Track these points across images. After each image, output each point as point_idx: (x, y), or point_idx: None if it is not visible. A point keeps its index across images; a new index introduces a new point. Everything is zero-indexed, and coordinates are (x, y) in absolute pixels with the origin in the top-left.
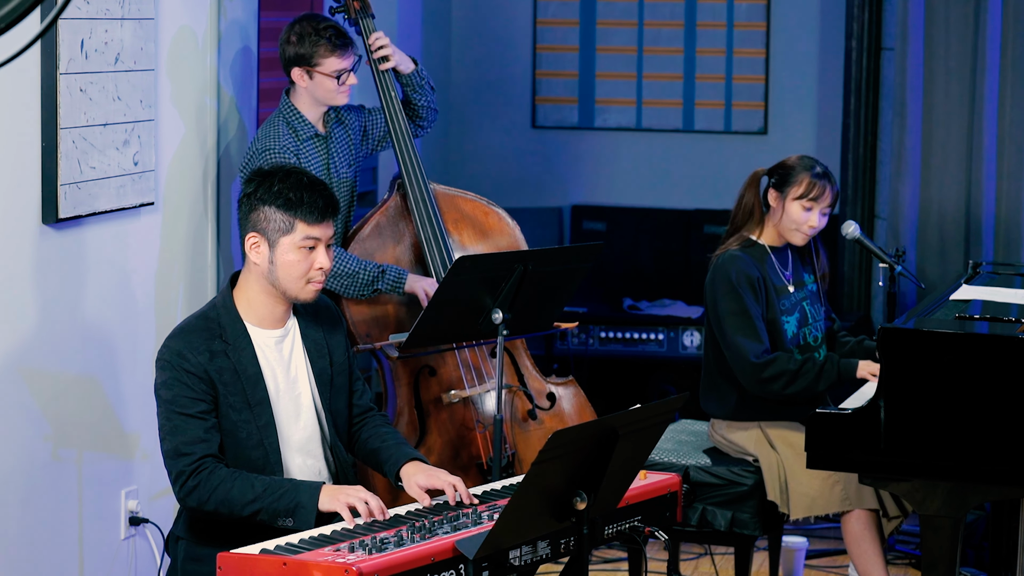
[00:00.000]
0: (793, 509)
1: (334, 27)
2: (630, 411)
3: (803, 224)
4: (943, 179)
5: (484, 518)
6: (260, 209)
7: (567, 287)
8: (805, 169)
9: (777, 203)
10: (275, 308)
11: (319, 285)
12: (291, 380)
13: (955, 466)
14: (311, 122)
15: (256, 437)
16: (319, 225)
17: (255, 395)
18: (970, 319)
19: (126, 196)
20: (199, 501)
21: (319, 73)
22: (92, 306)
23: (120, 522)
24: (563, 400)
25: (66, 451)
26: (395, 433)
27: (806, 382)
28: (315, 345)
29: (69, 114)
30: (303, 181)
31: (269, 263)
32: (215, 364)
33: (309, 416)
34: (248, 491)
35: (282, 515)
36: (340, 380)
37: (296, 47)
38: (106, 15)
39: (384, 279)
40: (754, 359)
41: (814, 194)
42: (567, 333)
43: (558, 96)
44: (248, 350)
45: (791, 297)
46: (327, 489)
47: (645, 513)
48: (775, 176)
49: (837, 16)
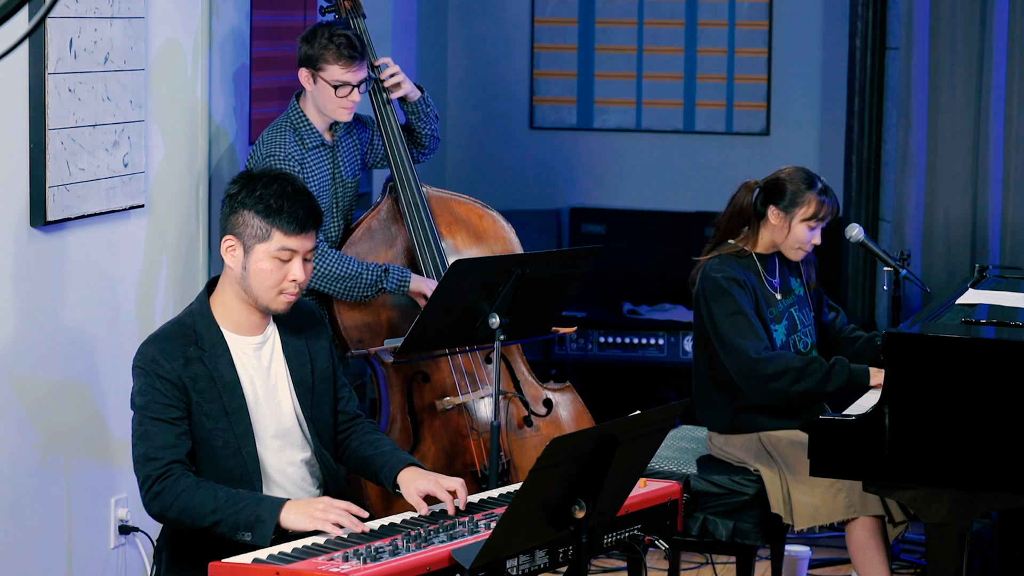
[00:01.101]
0: (797, 519)
1: (348, 37)
2: (630, 417)
3: (807, 243)
4: (949, 181)
5: (481, 527)
6: (240, 212)
7: (565, 291)
8: (809, 188)
9: (781, 222)
10: (252, 314)
11: (292, 297)
12: (271, 388)
13: (961, 474)
14: (319, 130)
15: (233, 446)
16: (297, 236)
17: (232, 403)
18: (976, 324)
19: (116, 198)
20: (162, 507)
21: (322, 79)
22: (81, 311)
23: (110, 531)
24: (560, 407)
25: (55, 458)
26: (386, 439)
27: (813, 382)
28: (296, 353)
29: (57, 115)
30: (287, 189)
31: (242, 268)
32: (189, 371)
33: (291, 425)
34: (210, 501)
35: (241, 528)
36: (323, 388)
37: (307, 47)
38: (95, 14)
39: (388, 278)
40: (754, 354)
41: (822, 214)
42: (565, 338)
43: (556, 96)
44: (224, 356)
45: (779, 305)
46: (292, 505)
47: (645, 522)
48: (774, 193)
49: (841, 15)
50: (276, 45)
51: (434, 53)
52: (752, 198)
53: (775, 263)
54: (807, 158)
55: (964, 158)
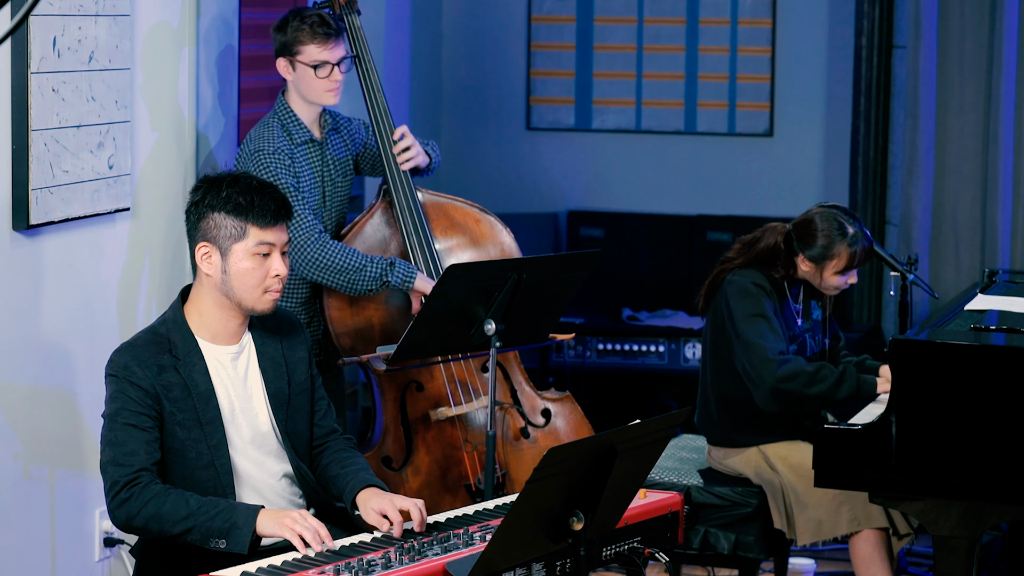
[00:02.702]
0: (800, 534)
1: (320, 15)
2: (629, 427)
3: (841, 287)
4: (957, 183)
5: (476, 539)
6: (209, 216)
7: (563, 297)
8: (840, 238)
9: (812, 271)
10: (229, 322)
11: (276, 294)
12: (247, 399)
13: (970, 484)
14: (306, 125)
15: (207, 457)
16: (272, 229)
17: (207, 413)
18: (986, 330)
19: (101, 201)
20: (128, 515)
21: (300, 63)
22: (65, 317)
23: (94, 543)
24: (558, 416)
25: (38, 469)
26: (357, 457)
27: (825, 386)
28: (272, 363)
29: (41, 115)
30: (252, 184)
31: (222, 273)
32: (163, 379)
33: (267, 438)
34: (181, 507)
35: (215, 535)
36: (299, 400)
37: (281, 35)
38: (79, 11)
39: (394, 272)
40: (771, 355)
41: (854, 264)
42: (563, 345)
43: (554, 96)
44: (200, 365)
45: (796, 328)
46: (267, 513)
47: (645, 534)
48: (803, 241)
49: (846, 12)
50: (265, 43)
51: (428, 51)
52: (781, 242)
53: (799, 288)
54: (811, 160)
55: (973, 159)
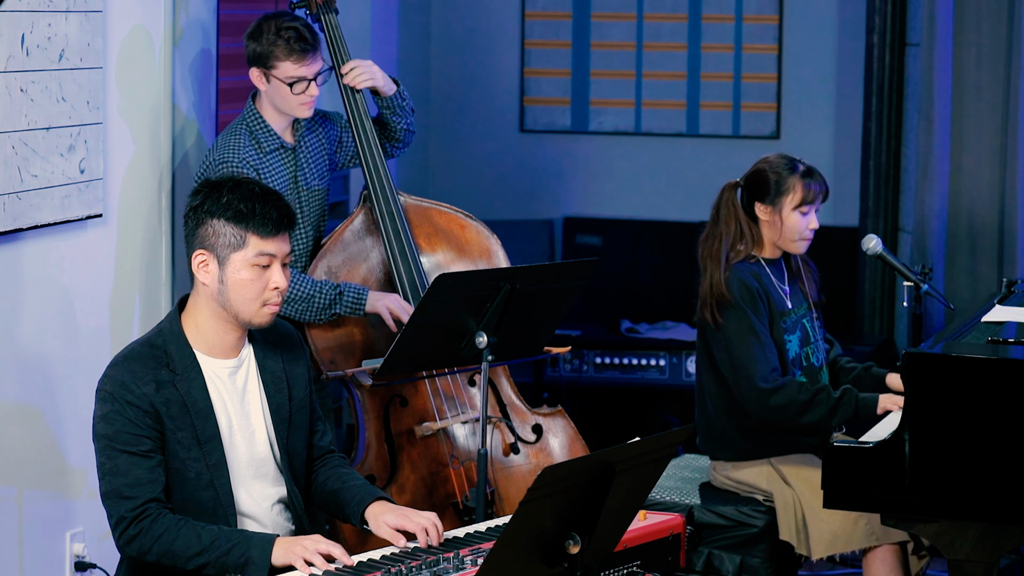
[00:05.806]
0: (814, 548)
1: (297, 29)
2: (628, 445)
3: (804, 231)
4: (974, 188)
5: (467, 563)
6: (208, 223)
7: (558, 308)
8: (791, 172)
9: (771, 216)
10: (227, 335)
11: (276, 308)
12: (245, 415)
13: (988, 505)
14: (277, 132)
15: (207, 477)
16: (273, 239)
17: (205, 431)
18: (1004, 343)
19: (71, 207)
20: (140, 550)
21: (275, 77)
22: (33, 329)
23: (65, 567)
24: (550, 433)
25: (5, 489)
26: (356, 474)
27: (819, 415)
28: (273, 378)
29: (8, 117)
30: (255, 191)
31: (219, 283)
32: (162, 396)
33: (264, 457)
34: (194, 543)
35: (231, 570)
36: (299, 417)
37: (255, 44)
38: (49, 7)
39: (342, 301)
40: (761, 383)
41: (811, 197)
42: (559, 359)
43: (549, 97)
44: (198, 381)
45: (791, 315)
46: (281, 542)
47: (645, 557)
48: (756, 187)
49: (857, 8)
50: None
51: (416, 49)
52: (738, 198)
53: (782, 269)
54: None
55: (990, 163)
